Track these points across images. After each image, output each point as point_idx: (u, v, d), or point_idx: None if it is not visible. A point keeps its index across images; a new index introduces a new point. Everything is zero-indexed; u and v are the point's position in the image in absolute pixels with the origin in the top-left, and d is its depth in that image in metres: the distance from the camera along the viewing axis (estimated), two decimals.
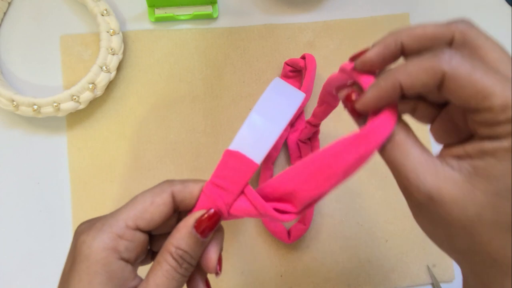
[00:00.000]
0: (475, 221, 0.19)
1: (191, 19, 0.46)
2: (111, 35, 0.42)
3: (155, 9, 0.45)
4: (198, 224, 0.23)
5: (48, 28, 0.45)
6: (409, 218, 0.45)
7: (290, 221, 0.25)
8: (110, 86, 0.44)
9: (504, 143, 0.18)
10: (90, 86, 0.41)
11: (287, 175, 0.23)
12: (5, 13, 0.45)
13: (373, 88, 0.21)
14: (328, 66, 0.46)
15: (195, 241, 0.23)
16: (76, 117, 0.43)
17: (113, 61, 0.42)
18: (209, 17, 0.46)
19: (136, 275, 0.23)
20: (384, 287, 0.43)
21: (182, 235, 0.23)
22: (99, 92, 0.42)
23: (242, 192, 0.24)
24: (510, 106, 0.18)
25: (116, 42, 0.42)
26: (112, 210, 0.42)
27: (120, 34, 0.43)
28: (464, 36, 0.21)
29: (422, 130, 0.29)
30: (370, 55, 0.23)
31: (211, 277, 0.25)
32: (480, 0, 0.49)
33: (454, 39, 0.21)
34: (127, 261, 0.23)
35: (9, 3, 0.45)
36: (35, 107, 0.40)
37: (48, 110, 0.40)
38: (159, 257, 0.23)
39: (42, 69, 0.44)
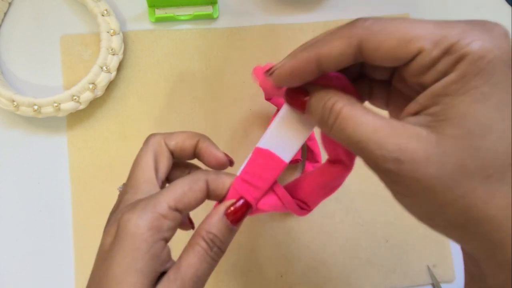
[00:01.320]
0: (454, 173, 0.17)
1: (191, 19, 0.46)
2: (111, 35, 0.42)
3: (155, 9, 0.45)
4: (228, 211, 0.24)
5: (48, 28, 0.45)
6: (409, 218, 0.45)
7: (303, 216, 0.28)
8: (110, 86, 0.44)
9: (452, 76, 0.17)
10: (90, 86, 0.41)
11: (307, 183, 0.27)
12: (5, 13, 0.45)
13: (289, 59, 0.20)
14: None
15: (226, 227, 0.24)
16: (76, 117, 0.43)
17: (113, 61, 0.42)
18: (209, 17, 0.46)
19: (171, 257, 0.24)
20: (384, 287, 0.43)
21: (214, 220, 0.24)
22: (99, 92, 0.42)
23: (271, 188, 0.26)
24: (440, 38, 0.17)
25: (116, 42, 0.42)
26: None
27: (120, 34, 0.43)
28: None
29: None
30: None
31: (211, 277, 0.25)
32: (480, 0, 0.49)
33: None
34: (167, 241, 0.24)
35: (10, 3, 0.45)
36: (36, 107, 0.40)
37: (48, 110, 0.40)
38: (191, 240, 0.24)
39: (42, 69, 0.44)
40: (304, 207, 0.27)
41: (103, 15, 0.43)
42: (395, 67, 0.19)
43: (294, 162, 0.43)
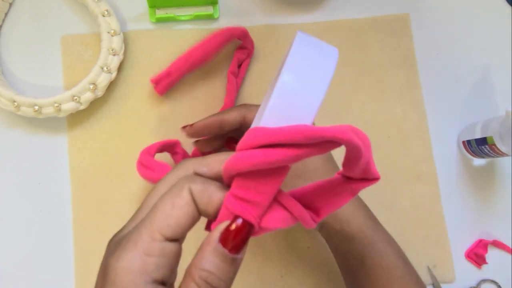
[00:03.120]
0: None
1: (192, 20, 0.46)
2: (112, 36, 0.42)
3: (156, 10, 0.45)
4: (224, 238, 0.19)
5: (48, 28, 0.45)
6: (409, 219, 0.45)
7: (311, 228, 0.21)
8: (111, 86, 0.44)
9: None
10: (91, 86, 0.41)
11: (318, 190, 0.22)
12: (6, 14, 0.45)
13: (202, 120, 0.36)
14: None
15: (223, 259, 0.19)
16: (77, 118, 0.43)
17: (114, 62, 0.42)
18: (210, 18, 0.46)
19: None
20: None
21: (206, 253, 0.19)
22: (99, 92, 0.42)
23: (274, 199, 0.20)
24: None
25: (117, 42, 0.42)
26: (112, 210, 0.42)
27: (121, 34, 0.43)
28: None
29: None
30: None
31: None
32: (480, 0, 0.49)
33: None
34: (161, 281, 0.19)
35: (10, 4, 0.45)
36: (36, 107, 0.40)
37: (49, 110, 0.40)
38: (181, 284, 0.19)
39: (43, 69, 0.44)
40: (314, 217, 0.21)
41: (103, 16, 0.43)
42: None
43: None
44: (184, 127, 0.38)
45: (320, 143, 0.18)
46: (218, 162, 0.21)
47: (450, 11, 0.49)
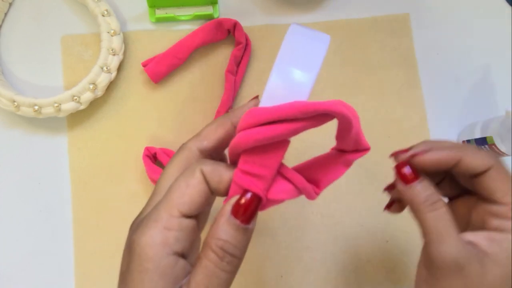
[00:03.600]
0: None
1: (192, 20, 0.46)
2: (111, 36, 0.42)
3: (156, 10, 0.45)
4: (235, 210, 0.21)
5: (48, 28, 0.45)
6: (409, 218, 0.45)
7: (313, 199, 0.24)
8: (111, 86, 0.44)
9: (509, 235, 0.24)
10: (91, 86, 0.41)
11: (316, 164, 0.24)
12: (6, 14, 0.45)
13: (433, 152, 0.27)
14: (328, 66, 0.46)
15: (235, 228, 0.21)
16: (77, 118, 0.43)
17: (114, 62, 0.42)
18: (209, 18, 0.46)
19: (189, 271, 0.22)
20: (384, 287, 0.43)
21: (220, 224, 0.21)
22: (99, 92, 0.42)
23: (278, 173, 0.22)
24: None
25: (116, 42, 0.42)
26: (112, 210, 0.42)
27: (121, 34, 0.43)
28: None
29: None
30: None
31: None
32: (480, 0, 0.49)
33: None
34: (181, 253, 0.21)
35: (10, 4, 0.45)
36: (36, 107, 0.40)
37: (49, 110, 0.40)
38: (200, 253, 0.21)
39: (43, 69, 0.44)
40: (315, 189, 0.24)
41: (103, 16, 0.43)
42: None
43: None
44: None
45: (315, 116, 0.20)
46: (212, 131, 0.24)
47: (450, 11, 0.49)
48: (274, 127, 0.20)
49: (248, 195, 0.21)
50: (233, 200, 0.21)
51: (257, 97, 0.23)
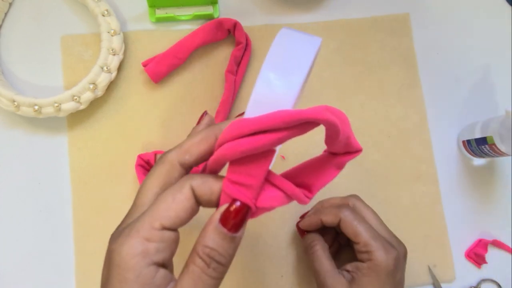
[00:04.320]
0: None
1: (192, 20, 0.46)
2: (111, 36, 0.42)
3: (156, 10, 0.45)
4: (224, 218, 0.21)
5: (48, 28, 0.45)
6: (409, 218, 0.45)
7: (306, 204, 0.24)
8: (111, 86, 0.44)
9: (365, 265, 0.34)
10: (91, 86, 0.41)
11: (308, 168, 0.24)
12: (6, 14, 0.45)
13: (306, 219, 0.39)
14: (328, 66, 0.46)
15: (222, 237, 0.21)
16: (77, 117, 0.43)
17: (114, 62, 0.42)
18: (209, 18, 0.46)
19: (171, 280, 0.22)
20: None
21: (208, 232, 0.22)
22: (99, 92, 0.42)
23: (267, 181, 0.23)
24: (368, 243, 0.34)
25: (116, 42, 0.42)
26: (112, 210, 0.42)
27: (121, 34, 0.43)
28: (354, 205, 0.38)
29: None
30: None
31: None
32: (480, 0, 0.49)
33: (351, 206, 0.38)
34: (161, 263, 0.22)
35: (10, 4, 0.45)
36: (36, 107, 0.40)
37: (49, 110, 0.40)
38: (188, 259, 0.22)
39: (43, 69, 0.44)
40: (306, 194, 0.24)
41: (103, 15, 0.43)
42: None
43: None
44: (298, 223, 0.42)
45: (300, 125, 0.20)
46: (195, 145, 0.24)
47: (450, 11, 0.49)
48: (258, 138, 0.20)
49: (237, 204, 0.22)
50: (222, 208, 0.22)
51: (243, 113, 0.23)
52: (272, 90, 0.21)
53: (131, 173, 0.43)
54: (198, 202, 0.23)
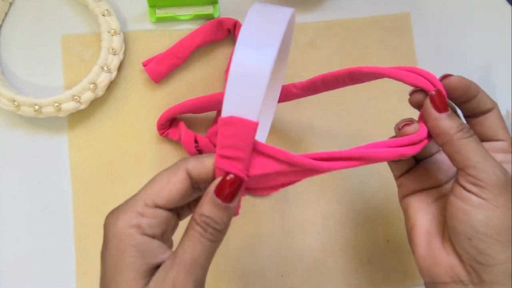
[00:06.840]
0: None
1: (192, 19, 0.46)
2: (112, 35, 0.42)
3: (156, 10, 0.45)
4: (218, 190, 0.23)
5: (49, 28, 0.45)
6: None
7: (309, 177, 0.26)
8: (111, 86, 0.44)
9: None
10: (91, 86, 0.41)
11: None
12: (6, 14, 0.45)
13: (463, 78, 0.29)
14: (329, 66, 0.46)
15: (217, 206, 0.23)
16: (77, 117, 0.43)
17: (114, 61, 0.42)
18: (210, 17, 0.46)
19: (167, 249, 0.24)
20: (384, 287, 0.43)
21: (204, 202, 0.24)
22: (100, 92, 0.42)
23: (254, 150, 0.24)
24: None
25: (117, 42, 0.42)
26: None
27: (121, 34, 0.43)
28: None
29: None
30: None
31: (211, 277, 0.25)
32: (480, 0, 0.49)
33: None
34: (152, 237, 0.24)
35: (10, 3, 0.45)
36: (36, 107, 0.40)
37: (49, 110, 0.40)
38: (187, 227, 0.24)
39: (43, 69, 0.44)
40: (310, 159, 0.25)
41: (104, 15, 0.43)
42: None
43: None
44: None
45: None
46: (211, 161, 0.25)
47: (450, 11, 0.49)
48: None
49: (231, 176, 0.23)
50: (216, 181, 0.24)
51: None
52: (247, 65, 0.22)
53: (132, 173, 0.43)
54: (197, 183, 0.25)
